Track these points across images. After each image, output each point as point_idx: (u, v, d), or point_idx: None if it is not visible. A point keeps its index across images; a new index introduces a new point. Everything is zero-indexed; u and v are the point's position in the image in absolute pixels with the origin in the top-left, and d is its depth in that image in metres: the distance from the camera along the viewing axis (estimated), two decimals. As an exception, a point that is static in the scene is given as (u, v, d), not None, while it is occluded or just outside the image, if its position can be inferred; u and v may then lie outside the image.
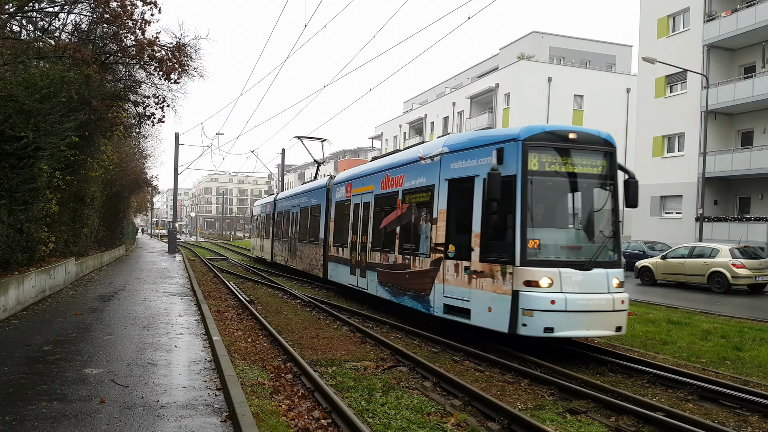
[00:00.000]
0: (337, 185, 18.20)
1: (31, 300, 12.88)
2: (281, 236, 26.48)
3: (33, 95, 11.13)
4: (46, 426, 5.40)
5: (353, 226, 16.14)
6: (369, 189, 15.20)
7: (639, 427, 6.21)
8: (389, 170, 14.00)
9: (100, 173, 20.68)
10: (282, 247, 26.10)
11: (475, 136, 11.04)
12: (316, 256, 19.97)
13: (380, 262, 13.92)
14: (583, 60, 52.09)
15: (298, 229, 22.97)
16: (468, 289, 9.93)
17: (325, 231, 19.05)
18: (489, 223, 9.68)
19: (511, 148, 9.41)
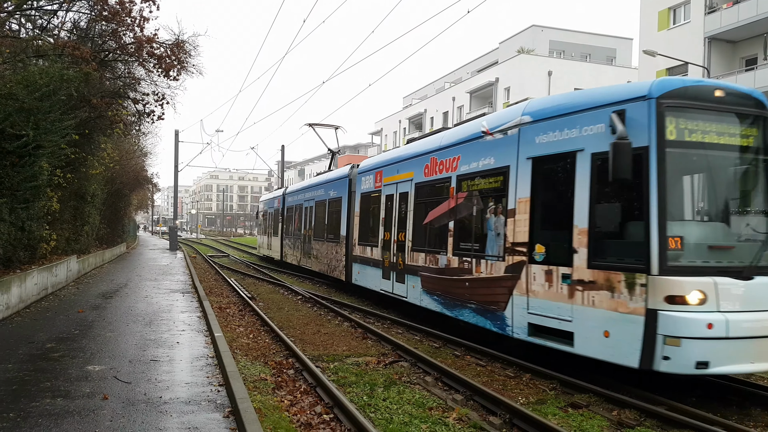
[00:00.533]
0: (363, 174, 15.78)
1: (34, 298, 12.91)
2: (292, 233, 24.29)
3: (33, 93, 11.13)
4: (49, 422, 5.43)
5: (386, 222, 13.90)
6: (406, 177, 12.90)
7: (641, 421, 6.23)
8: (435, 152, 11.64)
9: (101, 171, 20.71)
10: (293, 246, 23.94)
11: (573, 97, 8.53)
12: (337, 256, 17.71)
13: (425, 265, 11.63)
14: (584, 53, 51.96)
15: (313, 225, 20.78)
16: (569, 305, 7.49)
17: (347, 227, 16.91)
18: (604, 215, 7.33)
19: (638, 110, 7.05)
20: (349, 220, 16.80)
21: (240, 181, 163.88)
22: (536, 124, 8.54)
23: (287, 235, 25.36)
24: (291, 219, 24.78)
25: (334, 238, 18.17)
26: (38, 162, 11.94)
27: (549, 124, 8.27)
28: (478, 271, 9.70)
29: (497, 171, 9.37)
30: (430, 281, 11.43)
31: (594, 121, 7.48)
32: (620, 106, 7.25)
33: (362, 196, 15.76)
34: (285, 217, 26.03)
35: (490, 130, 9.76)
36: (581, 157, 7.56)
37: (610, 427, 6.10)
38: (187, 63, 15.60)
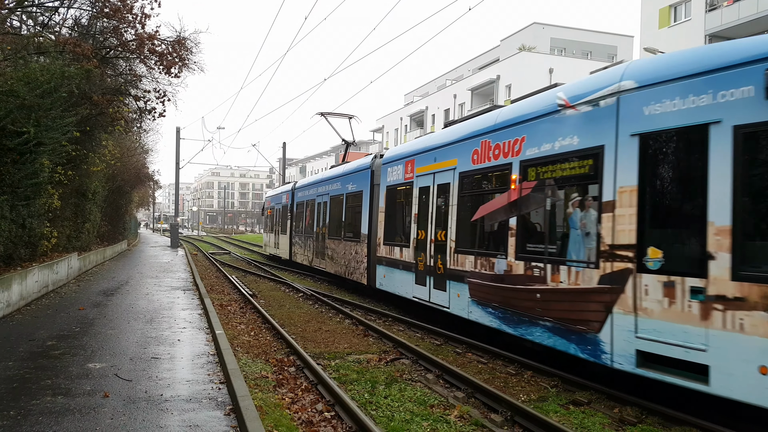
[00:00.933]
0: (390, 165, 13.90)
1: (35, 295, 12.91)
2: (303, 231, 22.57)
3: (34, 90, 11.12)
4: (50, 420, 5.42)
5: (420, 218, 12.12)
6: (446, 165, 11.04)
7: (642, 418, 6.22)
8: (488, 134, 9.72)
9: (102, 168, 20.69)
10: (304, 245, 22.25)
11: (699, 53, 6.46)
12: (357, 257, 15.95)
13: (475, 270, 9.65)
14: (585, 51, 51.88)
15: (328, 222, 19.05)
16: (701, 329, 5.81)
17: (369, 225, 15.17)
18: (758, 209, 5.72)
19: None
20: (371, 216, 15.10)
21: (241, 178, 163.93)
22: (644, 91, 6.67)
23: (297, 233, 23.78)
24: (301, 216, 23.03)
25: (353, 236, 16.50)
26: (39, 159, 11.94)
27: (663, 91, 6.44)
28: (555, 280, 7.78)
29: (584, 153, 7.47)
30: (483, 290, 9.45)
31: (737, 82, 5.75)
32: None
33: (388, 190, 13.94)
34: (294, 213, 24.42)
35: (571, 102, 7.83)
36: (717, 131, 5.84)
37: (612, 425, 6.09)
38: (188, 60, 15.59)
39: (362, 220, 15.71)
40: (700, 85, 6.07)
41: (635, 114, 6.73)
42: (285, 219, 26.23)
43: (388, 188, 13.99)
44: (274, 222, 29.33)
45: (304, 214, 22.61)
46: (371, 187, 15.32)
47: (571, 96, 7.85)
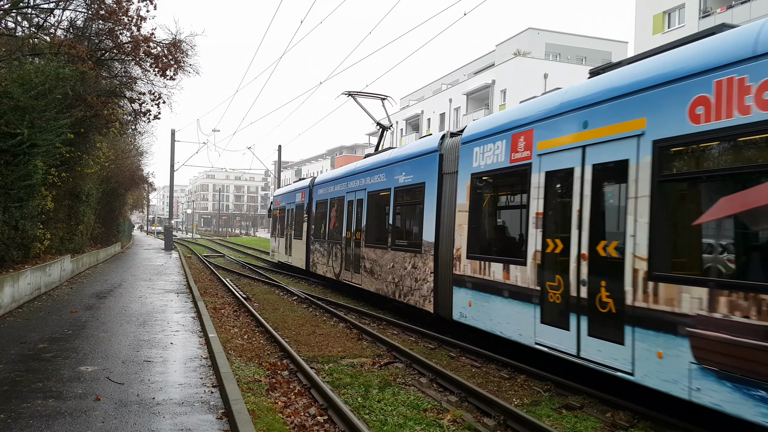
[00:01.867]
0: (478, 142, 9.88)
1: (27, 297, 12.84)
2: (326, 236, 18.50)
3: (28, 92, 11.09)
4: (41, 424, 5.39)
5: (550, 219, 8.00)
6: (620, 131, 6.69)
7: (634, 422, 6.23)
8: (739, 65, 5.46)
9: (96, 170, 20.63)
10: (328, 253, 18.14)
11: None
12: (415, 273, 11.93)
13: (716, 314, 5.36)
14: (579, 56, 52.13)
15: (365, 225, 14.92)
16: None
17: (437, 229, 11.15)
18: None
19: None
20: (440, 217, 11.14)
21: (236, 180, 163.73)
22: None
23: (317, 239, 19.60)
24: (323, 217, 19.08)
25: (408, 245, 12.57)
26: (33, 161, 11.89)
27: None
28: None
29: None
30: (738, 352, 5.18)
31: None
32: None
33: (476, 179, 9.88)
34: (314, 214, 20.35)
35: None
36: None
37: (604, 429, 6.10)
38: (183, 62, 15.58)
39: (425, 222, 11.61)
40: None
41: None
42: (300, 221, 22.04)
43: (476, 177, 9.87)
44: (284, 224, 25.09)
45: (327, 215, 18.65)
46: (439, 176, 11.27)
47: None
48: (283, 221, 25.35)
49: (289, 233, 24.04)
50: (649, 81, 6.45)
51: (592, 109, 7.25)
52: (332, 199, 18.24)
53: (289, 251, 24.01)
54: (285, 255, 24.78)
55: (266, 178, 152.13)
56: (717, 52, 5.79)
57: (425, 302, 11.37)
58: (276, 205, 27.63)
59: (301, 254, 21.76)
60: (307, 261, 20.85)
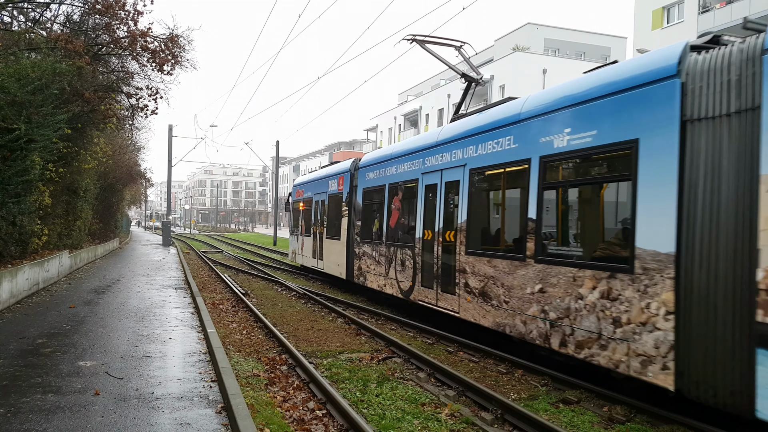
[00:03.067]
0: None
1: (25, 293, 12.85)
2: (387, 238, 13.50)
3: (25, 87, 11.06)
4: (40, 418, 5.40)
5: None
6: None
7: (631, 417, 6.27)
8: None
9: (94, 165, 20.60)
10: (392, 262, 13.11)
11: None
12: (613, 310, 6.58)
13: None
14: (578, 52, 52.13)
15: (467, 222, 9.96)
16: None
17: (680, 230, 5.87)
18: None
19: None
20: (690, 203, 5.88)
21: (234, 176, 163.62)
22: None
23: (368, 240, 14.69)
24: (378, 210, 14.25)
25: (593, 257, 7.17)
26: (30, 156, 11.87)
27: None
28: None
29: None
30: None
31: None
32: None
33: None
34: (360, 207, 15.44)
35: None
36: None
37: (601, 423, 6.14)
38: (181, 57, 15.56)
39: (640, 213, 6.38)
40: None
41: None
42: (336, 216, 17.11)
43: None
44: (312, 220, 19.96)
45: (385, 207, 13.64)
46: (682, 127, 6.00)
47: None
48: (309, 216, 20.37)
49: (318, 231, 18.94)
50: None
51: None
52: (393, 184, 13.24)
53: (318, 254, 18.95)
54: (313, 258, 19.68)
55: (264, 173, 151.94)
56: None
57: (646, 368, 6.05)
58: (298, 197, 22.39)
59: (338, 258, 16.69)
60: (350, 268, 15.71)
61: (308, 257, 20.32)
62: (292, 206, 23.40)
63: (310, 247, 20.09)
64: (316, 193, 19.66)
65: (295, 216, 22.87)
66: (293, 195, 23.38)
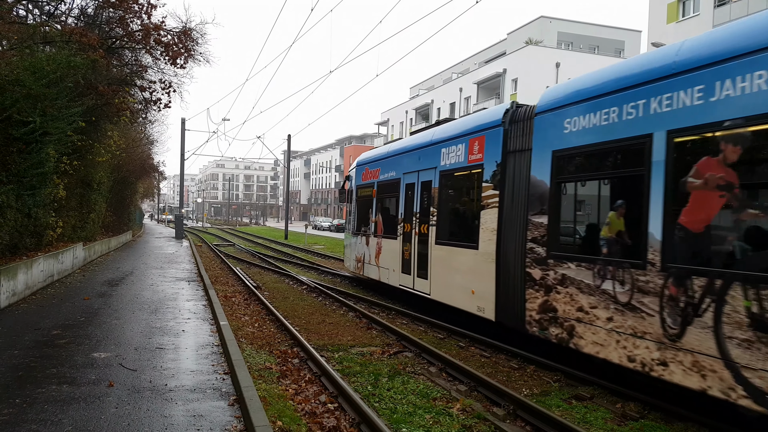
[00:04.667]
0: None
1: (40, 285, 12.98)
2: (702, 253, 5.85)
3: (40, 80, 11.14)
4: (55, 409, 5.46)
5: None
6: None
7: (644, 413, 6.22)
8: None
9: (107, 158, 20.75)
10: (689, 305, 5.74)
11: None
12: None
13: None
14: (592, 45, 51.64)
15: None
16: None
17: None
18: None
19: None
20: None
21: (246, 170, 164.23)
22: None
23: (580, 255, 7.64)
24: (624, 194, 6.98)
25: None
26: (45, 149, 11.97)
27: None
28: None
29: None
30: None
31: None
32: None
33: None
34: (555, 192, 8.03)
35: None
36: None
37: (614, 419, 6.10)
38: (194, 51, 15.62)
39: None
40: None
41: None
42: (467, 207, 10.83)
43: None
44: (402, 214, 13.22)
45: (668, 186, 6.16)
46: None
47: None
48: (396, 207, 13.66)
49: (419, 231, 12.22)
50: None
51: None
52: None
53: (419, 268, 12.12)
54: (405, 274, 12.79)
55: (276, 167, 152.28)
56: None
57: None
58: (366, 179, 15.84)
59: (472, 281, 10.00)
60: (511, 303, 8.95)
61: (392, 270, 13.43)
62: (356, 193, 16.67)
63: (397, 255, 13.14)
64: (411, 171, 12.71)
65: (362, 207, 16.21)
66: (356, 177, 16.74)
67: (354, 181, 16.89)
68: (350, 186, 17.39)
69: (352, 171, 17.26)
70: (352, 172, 17.24)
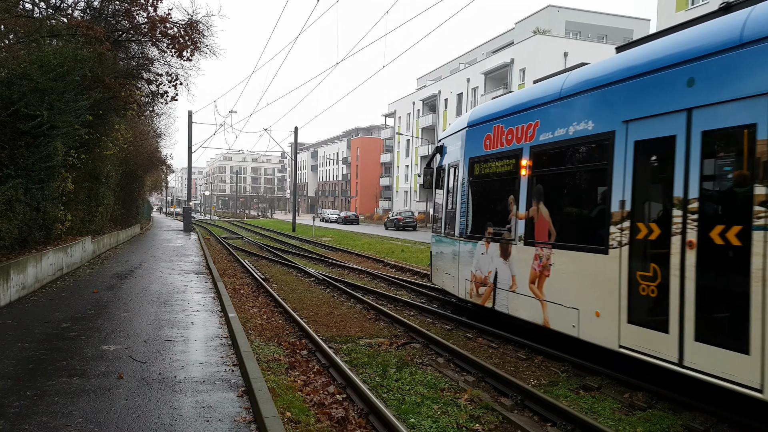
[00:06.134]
0: None
1: (49, 278, 13.07)
2: None
3: (47, 74, 11.16)
4: (66, 401, 5.50)
5: None
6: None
7: (652, 403, 6.20)
8: None
9: (115, 152, 20.80)
10: None
11: None
12: None
13: None
14: (600, 34, 51.20)
15: None
16: None
17: None
18: None
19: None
20: None
21: (253, 162, 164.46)
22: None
23: None
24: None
25: None
26: (53, 142, 12.01)
27: None
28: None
29: None
30: None
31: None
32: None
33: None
34: None
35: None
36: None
37: (622, 410, 6.08)
38: (200, 43, 15.58)
39: None
40: None
41: None
42: None
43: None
44: (556, 204, 8.15)
45: None
46: None
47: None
48: (571, 192, 8.20)
49: (675, 241, 5.91)
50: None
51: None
52: None
53: (671, 315, 5.87)
54: (615, 319, 6.65)
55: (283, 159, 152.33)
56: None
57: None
58: (493, 147, 9.66)
59: None
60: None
61: (587, 312, 7.18)
62: (467, 171, 10.41)
63: (608, 285, 6.81)
64: (657, 113, 6.35)
65: (483, 193, 10.20)
66: (466, 145, 10.49)
67: (463, 152, 10.45)
68: (443, 163, 11.64)
69: (454, 137, 11.10)
70: (454, 140, 11.07)
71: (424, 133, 64.94)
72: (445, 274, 11.39)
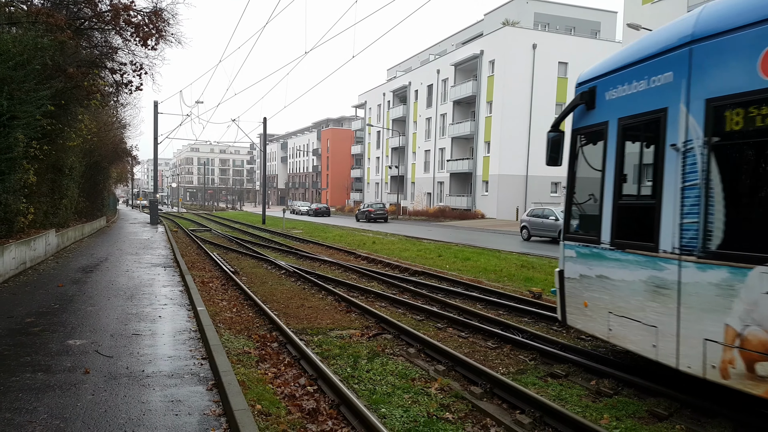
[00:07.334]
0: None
1: (12, 272, 12.74)
2: None
3: (6, 62, 10.84)
4: (30, 397, 5.39)
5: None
6: None
7: (618, 390, 6.36)
8: None
9: (78, 143, 20.32)
10: None
11: None
12: None
13: None
14: (568, 26, 51.79)
15: None
16: None
17: None
18: None
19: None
20: None
21: (221, 154, 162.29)
22: None
23: None
24: None
25: None
26: (13, 133, 11.68)
27: None
28: None
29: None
30: None
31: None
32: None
33: None
34: None
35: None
36: None
37: (589, 396, 6.23)
38: (165, 32, 15.29)
39: None
40: None
41: None
42: None
43: None
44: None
45: None
46: None
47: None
48: None
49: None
50: None
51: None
52: None
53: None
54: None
55: (252, 151, 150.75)
56: None
57: None
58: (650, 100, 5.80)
59: None
60: None
61: None
62: (706, 124, 5.12)
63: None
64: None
65: (738, 170, 5.23)
66: (698, 76, 5.22)
67: (687, 90, 5.37)
68: (603, 118, 6.68)
69: (642, 69, 6.02)
70: (643, 73, 6.01)
71: (395, 125, 64.95)
72: (624, 320, 6.18)
